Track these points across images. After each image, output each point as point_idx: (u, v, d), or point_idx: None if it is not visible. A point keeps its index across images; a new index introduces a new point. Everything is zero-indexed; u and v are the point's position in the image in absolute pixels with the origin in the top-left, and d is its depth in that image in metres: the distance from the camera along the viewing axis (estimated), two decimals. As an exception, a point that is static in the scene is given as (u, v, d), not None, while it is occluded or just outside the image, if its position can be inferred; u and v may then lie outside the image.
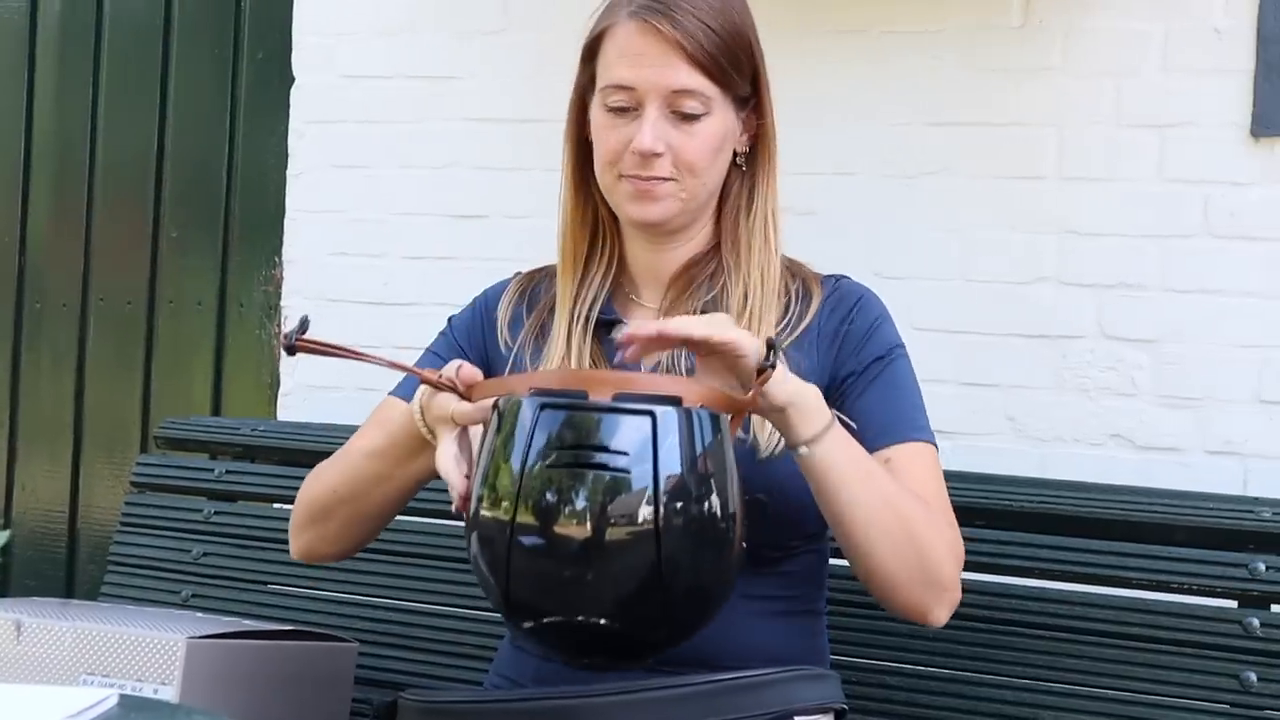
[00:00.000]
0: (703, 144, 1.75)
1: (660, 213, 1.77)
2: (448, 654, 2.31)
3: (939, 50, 2.72)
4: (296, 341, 1.57)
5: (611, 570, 1.43)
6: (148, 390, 3.55)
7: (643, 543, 1.42)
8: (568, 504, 1.42)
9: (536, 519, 1.43)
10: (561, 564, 1.43)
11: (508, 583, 1.46)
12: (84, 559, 3.64)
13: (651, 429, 1.43)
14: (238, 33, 3.45)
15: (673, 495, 1.43)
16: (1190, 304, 2.57)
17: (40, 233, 3.69)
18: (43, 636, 1.89)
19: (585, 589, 1.44)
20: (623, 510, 1.42)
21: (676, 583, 1.44)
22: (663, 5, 1.74)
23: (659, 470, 1.42)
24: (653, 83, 1.74)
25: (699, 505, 1.45)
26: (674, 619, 1.48)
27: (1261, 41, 2.53)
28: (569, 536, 1.42)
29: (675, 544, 1.43)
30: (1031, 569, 2.07)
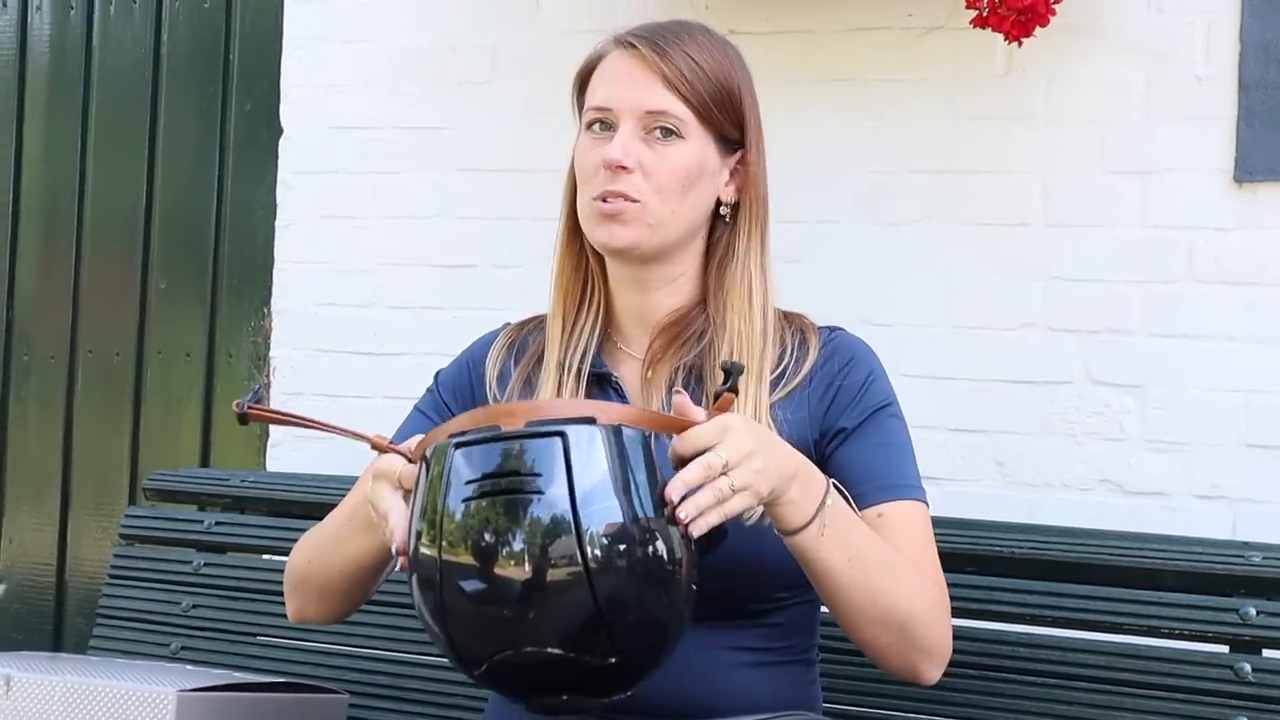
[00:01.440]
0: (673, 166, 1.75)
1: (627, 237, 1.76)
2: (438, 705, 2.30)
3: (924, 98, 2.74)
4: (248, 410, 1.58)
5: (545, 594, 1.42)
6: (136, 442, 3.55)
7: (570, 561, 1.41)
8: (492, 537, 1.43)
9: (466, 556, 1.44)
10: (497, 596, 1.43)
11: (447, 626, 1.47)
12: (72, 612, 3.63)
13: (563, 448, 1.43)
14: (225, 84, 3.47)
15: (593, 510, 1.42)
16: (1176, 349, 2.58)
17: (28, 284, 3.69)
18: (32, 691, 1.88)
19: (523, 618, 1.43)
20: (546, 531, 1.42)
21: (613, 596, 1.43)
22: (650, 34, 1.78)
23: (574, 487, 1.42)
24: (629, 102, 1.76)
25: (623, 516, 1.44)
26: (617, 637, 1.45)
27: (1243, 88, 2.55)
28: (501, 568, 1.42)
29: (604, 556, 1.42)
30: (1021, 615, 2.06)
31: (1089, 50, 2.64)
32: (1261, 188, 2.55)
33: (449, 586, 1.45)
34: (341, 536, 1.78)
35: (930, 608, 1.69)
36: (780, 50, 2.77)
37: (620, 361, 1.84)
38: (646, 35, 1.79)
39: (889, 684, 2.06)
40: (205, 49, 3.49)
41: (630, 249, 1.77)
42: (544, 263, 2.97)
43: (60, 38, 3.65)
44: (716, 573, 1.66)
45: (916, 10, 2.73)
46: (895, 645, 1.67)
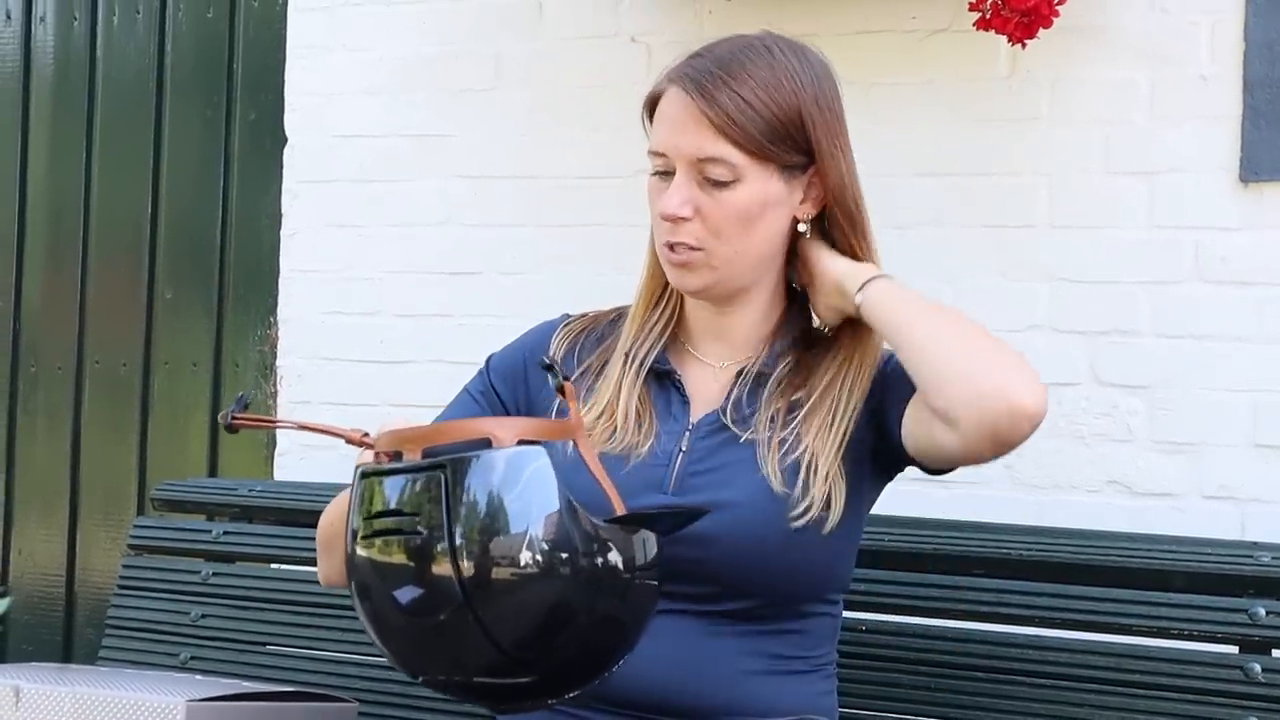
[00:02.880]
0: (729, 211, 1.74)
1: (696, 283, 1.78)
2: (448, 713, 2.30)
3: (928, 101, 2.74)
4: (234, 420, 1.59)
5: (442, 629, 1.44)
6: (144, 452, 3.55)
7: (451, 598, 1.42)
8: (381, 574, 1.47)
9: (367, 584, 1.48)
10: (398, 629, 1.47)
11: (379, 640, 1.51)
12: (82, 623, 3.63)
13: (444, 482, 1.43)
14: (230, 94, 3.47)
15: (479, 543, 1.42)
16: (1183, 349, 2.58)
17: (35, 296, 3.70)
18: (42, 702, 1.88)
19: (427, 650, 1.46)
20: (428, 572, 1.43)
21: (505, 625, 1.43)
22: (701, 74, 1.75)
23: (451, 524, 1.42)
24: (681, 150, 1.75)
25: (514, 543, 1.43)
26: (527, 661, 1.45)
27: (1247, 87, 2.55)
28: (392, 604, 1.45)
29: (490, 589, 1.42)
30: (1031, 617, 2.06)
31: (1093, 51, 2.64)
32: (1267, 187, 2.54)
33: (371, 604, 1.50)
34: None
35: (1004, 343, 1.73)
36: (784, 54, 2.77)
37: (686, 362, 1.85)
38: (696, 75, 1.75)
39: (902, 688, 2.06)
40: (209, 59, 3.49)
41: (702, 292, 1.80)
42: (550, 269, 3.00)
43: (64, 49, 3.66)
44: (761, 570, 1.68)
45: (920, 13, 2.73)
46: (992, 357, 1.68)
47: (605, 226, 2.93)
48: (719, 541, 1.67)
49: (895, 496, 2.55)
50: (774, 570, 1.71)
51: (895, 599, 2.12)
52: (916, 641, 2.08)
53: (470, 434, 1.49)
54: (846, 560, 1.81)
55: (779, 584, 1.72)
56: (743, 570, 1.70)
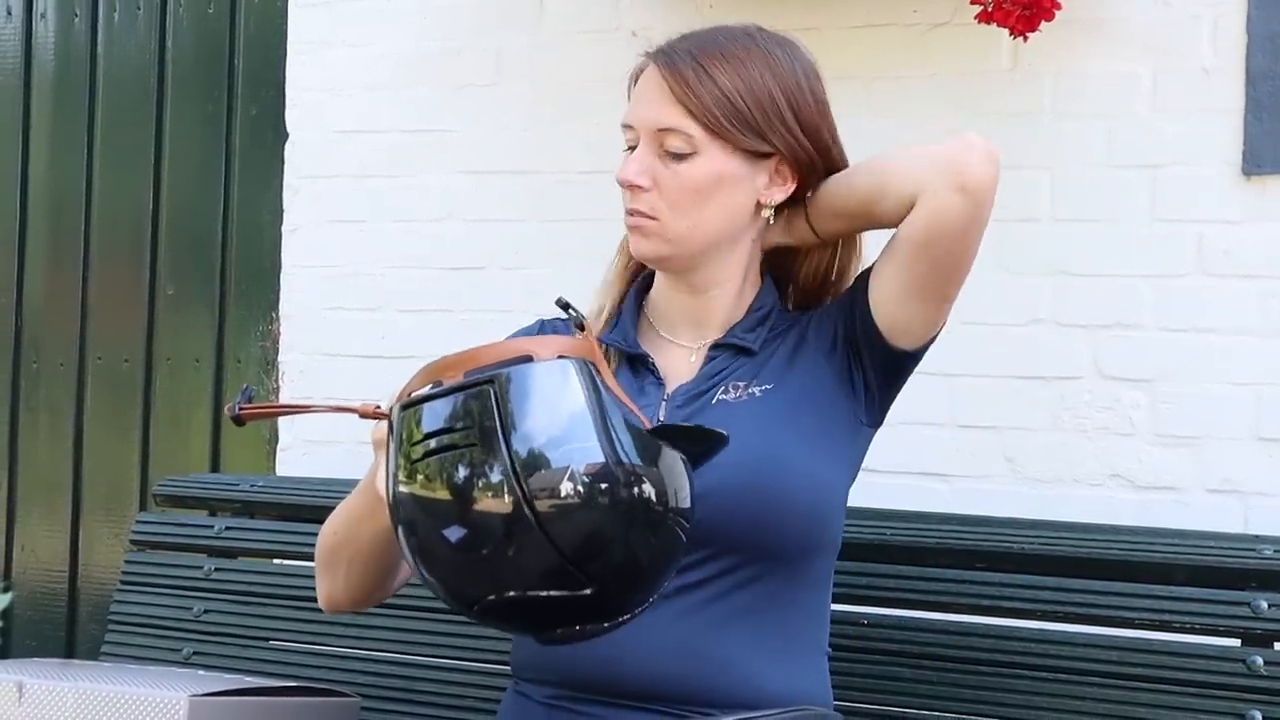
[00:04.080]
0: (685, 183, 1.77)
1: (649, 250, 1.81)
2: (451, 708, 2.30)
3: (929, 95, 2.74)
4: (241, 411, 1.59)
5: (499, 543, 1.43)
6: (146, 448, 3.55)
7: (515, 509, 1.41)
8: (441, 494, 1.45)
9: (422, 513, 1.46)
10: (457, 549, 1.45)
11: (429, 574, 1.49)
12: (84, 618, 3.63)
13: (494, 397, 1.43)
14: (231, 89, 3.47)
15: (532, 453, 1.42)
16: (1186, 343, 2.58)
17: (37, 292, 3.70)
18: (45, 698, 1.88)
19: (488, 567, 1.45)
20: (486, 485, 1.43)
21: (568, 535, 1.42)
22: (674, 51, 1.80)
23: (507, 436, 1.42)
24: (644, 120, 1.79)
25: (569, 455, 1.43)
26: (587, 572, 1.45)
27: (1250, 80, 2.55)
28: (453, 523, 1.44)
29: (550, 498, 1.42)
30: (1033, 611, 2.06)
31: (1095, 44, 2.64)
32: (1270, 180, 2.54)
33: (418, 540, 1.48)
34: (362, 509, 1.78)
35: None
36: (785, 48, 2.77)
37: (659, 346, 1.87)
38: (669, 51, 1.80)
39: (900, 680, 2.06)
40: (210, 55, 3.49)
41: (655, 261, 1.83)
42: (551, 264, 3.00)
43: (65, 45, 3.66)
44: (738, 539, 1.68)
45: (921, 7, 2.73)
46: (928, 160, 1.78)
47: (607, 221, 2.91)
48: (706, 498, 1.68)
49: (897, 491, 2.56)
50: (763, 521, 1.72)
51: (897, 593, 2.12)
52: (918, 635, 2.08)
53: (509, 353, 1.50)
54: (835, 511, 1.81)
55: (769, 535, 1.73)
56: (733, 524, 1.70)
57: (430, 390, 1.49)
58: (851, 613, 2.09)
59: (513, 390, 1.44)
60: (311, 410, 1.67)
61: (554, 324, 1.94)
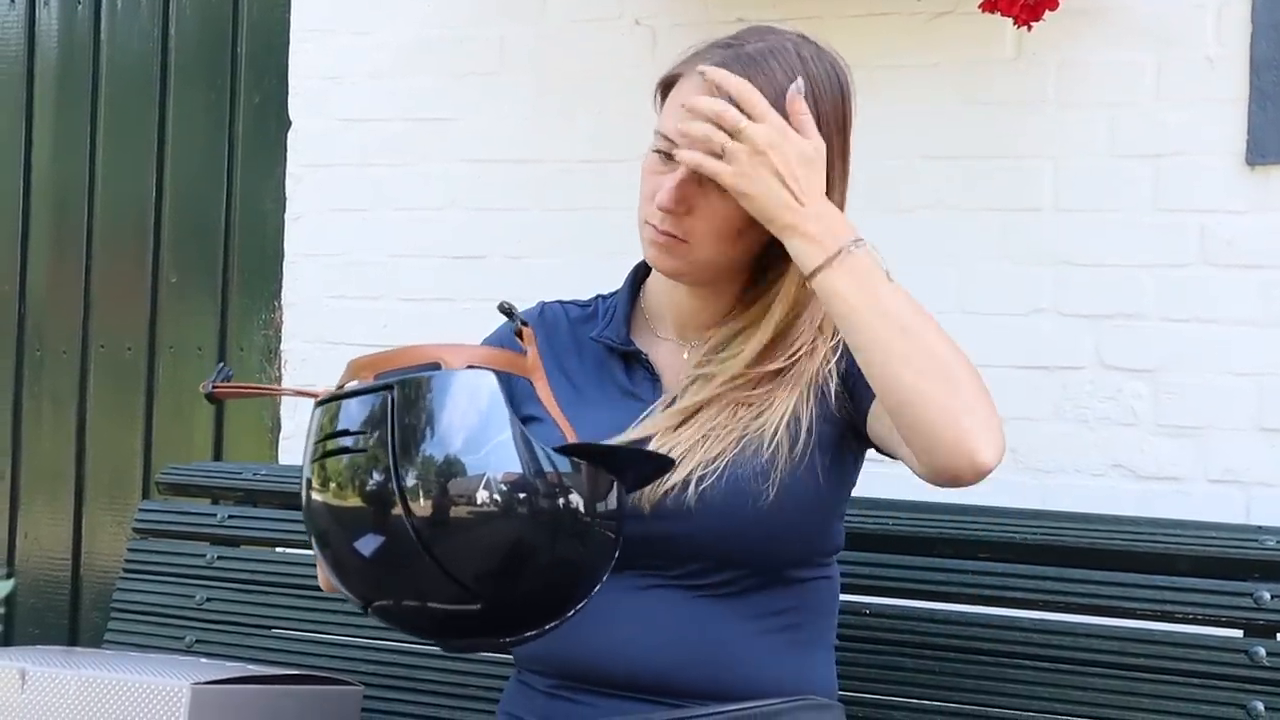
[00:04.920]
0: (725, 221, 1.71)
1: (671, 266, 1.76)
2: (453, 695, 2.30)
3: (933, 84, 2.73)
4: (214, 389, 1.59)
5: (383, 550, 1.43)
6: (149, 436, 3.56)
7: (395, 517, 1.41)
8: (331, 494, 1.46)
9: (317, 508, 1.47)
10: (347, 552, 1.45)
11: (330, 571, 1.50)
12: (87, 606, 3.64)
13: (389, 403, 1.43)
14: (234, 78, 3.47)
15: (423, 464, 1.41)
16: (1188, 333, 2.57)
17: (40, 280, 3.70)
18: (47, 685, 1.89)
19: (373, 572, 1.45)
20: (373, 490, 1.42)
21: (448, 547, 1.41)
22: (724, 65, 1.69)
23: (394, 443, 1.41)
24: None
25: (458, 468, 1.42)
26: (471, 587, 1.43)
27: (1254, 69, 2.54)
28: (341, 524, 1.45)
29: (433, 509, 1.41)
30: (1035, 601, 2.06)
31: (1098, 33, 2.63)
32: (1274, 170, 2.54)
33: (320, 533, 1.49)
34: None
35: (975, 374, 1.62)
36: (789, 37, 2.76)
37: (651, 342, 1.85)
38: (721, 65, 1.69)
39: (903, 670, 2.06)
40: (213, 42, 3.49)
41: (676, 278, 1.78)
42: (553, 253, 3.00)
43: (68, 33, 3.65)
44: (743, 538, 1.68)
45: (925, -5, 2.73)
46: (942, 397, 1.58)
47: (609, 210, 2.93)
48: (694, 515, 1.67)
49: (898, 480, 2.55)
50: (754, 537, 1.70)
51: (899, 582, 2.12)
52: (921, 625, 2.08)
53: (421, 358, 1.50)
54: (830, 522, 1.80)
55: (761, 552, 1.72)
56: (723, 541, 1.70)
57: (338, 389, 1.50)
58: (854, 602, 2.09)
59: (411, 399, 1.43)
60: (278, 393, 1.69)
61: (554, 307, 1.94)
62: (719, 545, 1.70)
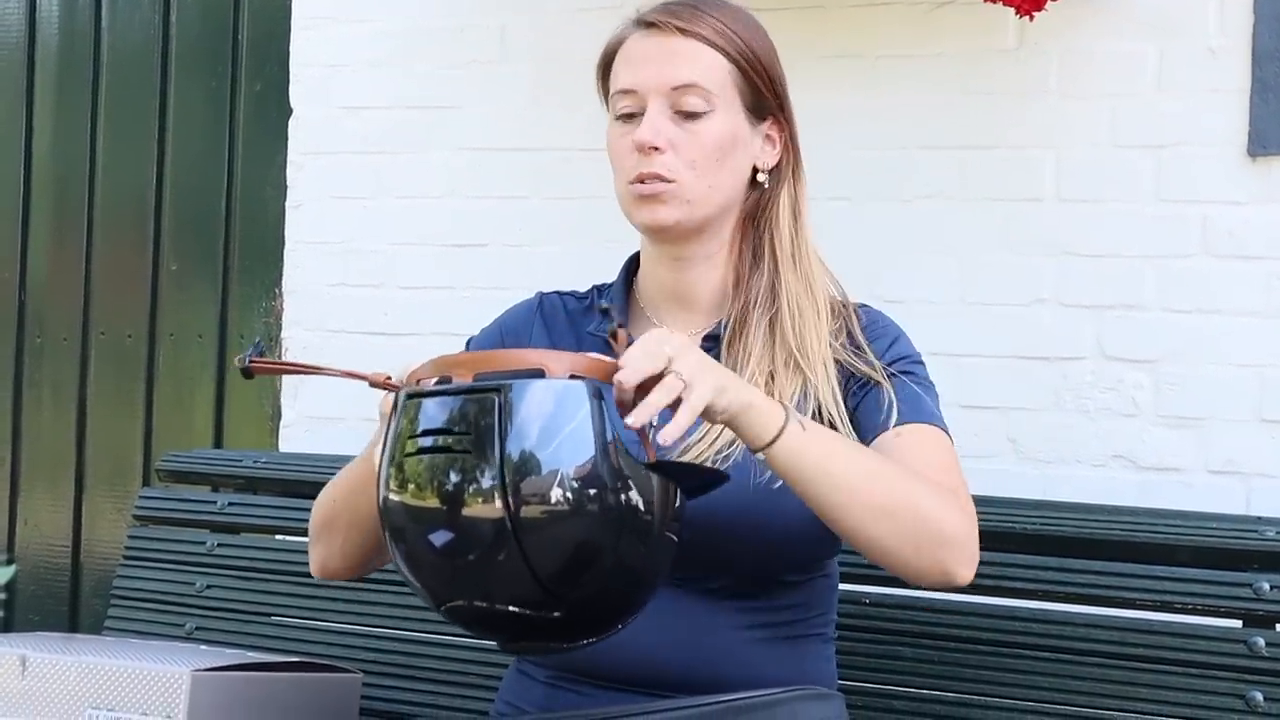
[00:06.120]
0: (705, 141, 1.74)
1: (667, 216, 1.75)
2: (453, 684, 2.31)
3: (935, 74, 2.73)
4: (251, 364, 1.58)
5: (477, 551, 1.42)
6: (149, 423, 3.56)
7: (498, 520, 1.40)
8: (427, 492, 1.44)
9: (408, 507, 1.45)
10: (436, 550, 1.44)
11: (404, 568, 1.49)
12: (87, 593, 3.64)
13: (498, 405, 1.41)
14: (235, 65, 3.47)
15: (527, 468, 1.40)
16: (1190, 324, 2.57)
17: (40, 267, 3.70)
18: (47, 671, 1.89)
19: (461, 573, 1.44)
20: (475, 491, 1.41)
21: (546, 554, 1.41)
22: (670, 10, 1.78)
23: (504, 446, 1.40)
24: (654, 81, 1.75)
25: (562, 472, 1.41)
26: (559, 595, 1.44)
27: (1256, 60, 2.54)
28: (435, 523, 1.43)
29: (535, 515, 1.40)
30: (1035, 591, 2.06)
31: (1101, 23, 2.63)
32: (1276, 161, 2.53)
33: (400, 531, 1.47)
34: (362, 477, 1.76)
35: (942, 500, 1.62)
36: (791, 26, 2.75)
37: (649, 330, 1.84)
38: (665, 10, 1.78)
39: (903, 660, 2.06)
40: (214, 30, 3.49)
41: (672, 227, 1.77)
42: (554, 241, 3.00)
43: (69, 20, 3.65)
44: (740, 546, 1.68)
45: (927, -15, 2.72)
46: (913, 537, 1.59)
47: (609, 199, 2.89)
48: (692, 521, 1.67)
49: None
50: (755, 543, 1.70)
51: (899, 572, 2.12)
52: (920, 615, 2.09)
53: (521, 363, 1.47)
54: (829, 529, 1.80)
55: (762, 555, 1.72)
56: (722, 547, 1.69)
57: (437, 386, 1.47)
58: (854, 592, 2.09)
59: (517, 403, 1.42)
60: (322, 373, 1.66)
61: (552, 298, 1.93)
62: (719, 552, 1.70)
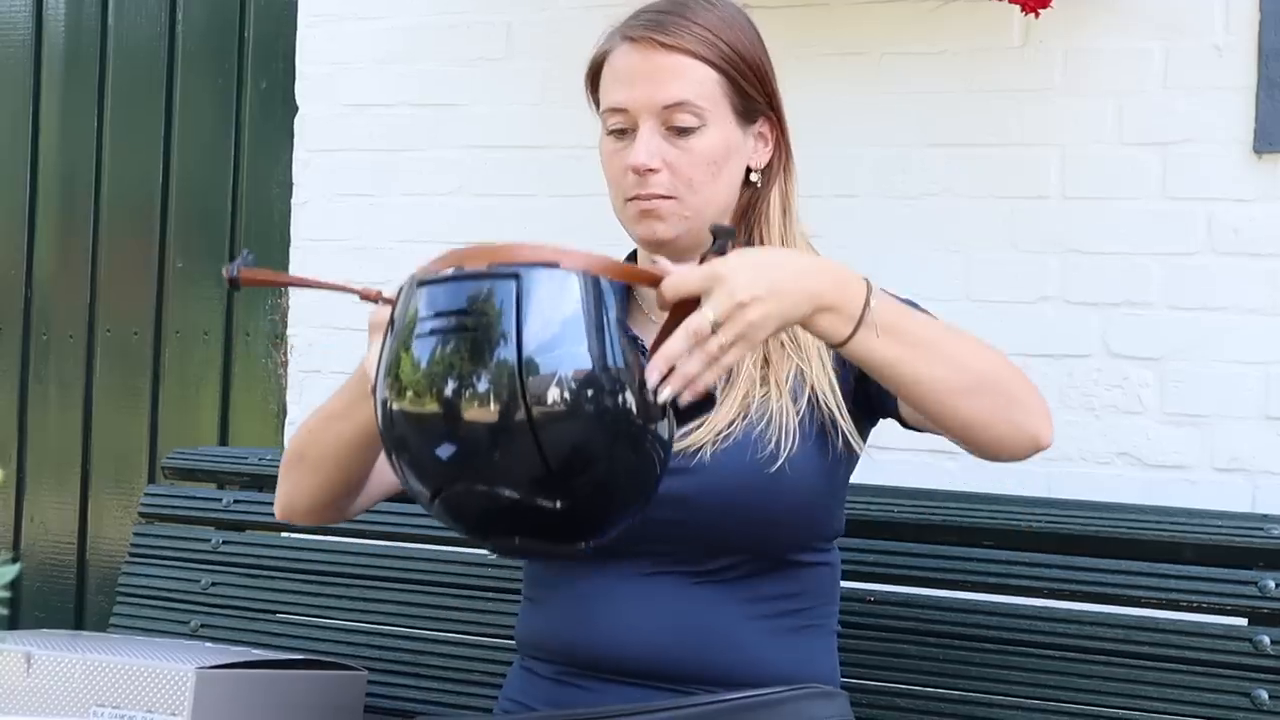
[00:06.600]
0: (699, 158, 1.75)
1: (666, 231, 1.77)
2: (458, 681, 2.31)
3: (940, 71, 2.73)
4: (239, 274, 1.59)
5: (486, 434, 1.42)
6: (155, 420, 3.56)
7: (512, 404, 1.41)
8: (438, 374, 1.44)
9: (414, 391, 1.46)
10: (440, 433, 1.44)
11: (398, 456, 1.49)
12: (93, 590, 3.64)
13: (515, 291, 1.43)
14: (241, 63, 3.47)
15: (542, 355, 1.42)
16: (1195, 321, 2.57)
17: (46, 264, 3.70)
18: (53, 668, 1.89)
19: (466, 456, 1.44)
20: (489, 374, 1.42)
21: (557, 442, 1.42)
22: (654, 22, 1.76)
23: (522, 330, 1.42)
24: (644, 101, 1.75)
25: (575, 364, 1.43)
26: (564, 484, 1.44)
27: (1263, 57, 2.53)
28: (443, 406, 1.43)
29: (549, 402, 1.41)
30: (1040, 589, 2.06)
31: (1106, 21, 2.63)
32: (1281, 158, 2.53)
33: (400, 418, 1.47)
34: (339, 407, 1.79)
35: (1013, 368, 1.66)
36: (795, 24, 2.76)
37: (649, 329, 1.84)
38: (649, 22, 1.76)
39: (907, 658, 2.06)
40: (220, 27, 3.49)
41: (671, 242, 1.78)
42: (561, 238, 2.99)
43: (75, 17, 3.65)
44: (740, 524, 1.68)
45: (933, -18, 2.72)
46: (1000, 408, 1.62)
47: (616, 196, 2.92)
48: (689, 502, 1.67)
49: (904, 468, 2.55)
50: (754, 523, 1.70)
51: (904, 570, 2.12)
52: (925, 613, 2.09)
53: (536, 256, 1.48)
54: (830, 507, 1.80)
55: (761, 536, 1.72)
56: (722, 527, 1.70)
57: (450, 273, 1.48)
58: (858, 589, 2.09)
59: (533, 289, 1.43)
60: (312, 285, 1.67)
61: None
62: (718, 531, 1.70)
